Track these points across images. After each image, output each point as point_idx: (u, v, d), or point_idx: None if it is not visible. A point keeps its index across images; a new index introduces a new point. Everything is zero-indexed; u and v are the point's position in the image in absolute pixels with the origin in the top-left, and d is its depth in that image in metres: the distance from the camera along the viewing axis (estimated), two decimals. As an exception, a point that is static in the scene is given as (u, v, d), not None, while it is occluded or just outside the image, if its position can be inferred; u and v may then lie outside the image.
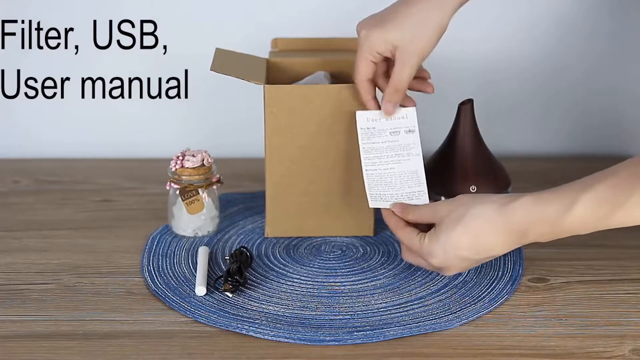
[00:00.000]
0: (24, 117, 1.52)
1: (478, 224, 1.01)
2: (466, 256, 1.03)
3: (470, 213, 1.02)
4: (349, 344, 1.01)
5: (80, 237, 1.25)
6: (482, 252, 1.03)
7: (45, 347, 1.00)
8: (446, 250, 1.03)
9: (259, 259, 1.19)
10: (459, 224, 1.02)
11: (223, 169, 1.26)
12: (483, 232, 1.01)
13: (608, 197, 0.96)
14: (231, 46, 1.27)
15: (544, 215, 0.98)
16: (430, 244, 1.04)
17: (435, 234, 1.04)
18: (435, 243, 1.04)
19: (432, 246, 1.04)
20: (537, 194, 1.00)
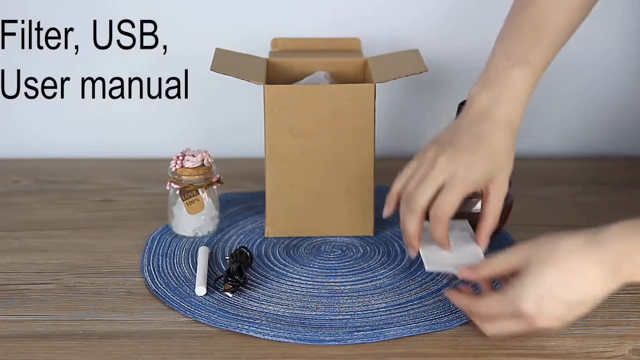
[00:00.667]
0: (24, 117, 1.52)
1: (570, 260, 0.93)
2: (561, 297, 0.93)
3: (559, 249, 0.94)
4: (349, 344, 1.01)
5: (80, 237, 1.25)
6: (578, 292, 0.93)
7: (45, 347, 1.00)
8: (539, 292, 0.93)
9: (259, 259, 1.19)
10: (549, 262, 0.93)
11: (223, 169, 1.26)
12: (576, 268, 0.93)
13: None
14: (231, 46, 1.27)
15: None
16: (519, 289, 0.94)
17: (523, 277, 0.94)
18: (525, 286, 0.93)
19: (521, 291, 0.93)
20: (628, 222, 0.95)
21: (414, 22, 1.48)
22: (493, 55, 1.11)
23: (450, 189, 1.04)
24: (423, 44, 1.36)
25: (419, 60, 1.23)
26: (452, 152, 1.05)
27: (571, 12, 1.12)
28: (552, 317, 0.94)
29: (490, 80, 1.09)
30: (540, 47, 1.10)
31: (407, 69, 1.21)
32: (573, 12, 1.12)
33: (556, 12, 1.11)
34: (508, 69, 1.08)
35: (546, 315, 0.93)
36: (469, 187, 1.05)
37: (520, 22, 1.12)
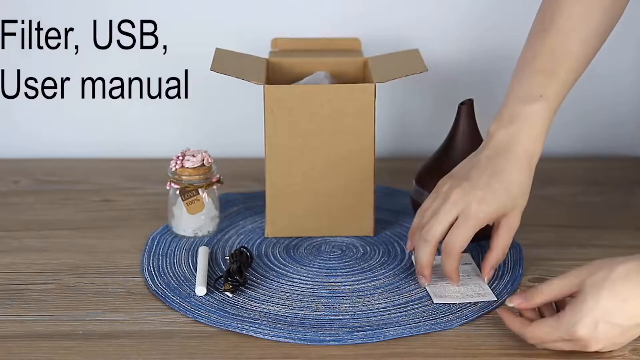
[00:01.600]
0: (24, 117, 1.52)
1: (625, 285, 0.93)
2: (617, 322, 0.93)
3: (614, 274, 0.94)
4: (349, 344, 1.01)
5: (80, 237, 1.25)
6: (634, 317, 0.93)
7: (45, 347, 1.00)
8: (594, 317, 0.93)
9: (259, 259, 1.19)
10: (604, 286, 0.93)
11: (223, 169, 1.26)
12: (632, 293, 0.93)
13: None
14: (231, 46, 1.27)
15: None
16: (574, 315, 0.94)
17: (578, 302, 0.94)
18: (580, 312, 0.93)
19: (577, 316, 0.93)
20: None
21: (414, 22, 1.48)
22: (510, 91, 1.11)
23: (462, 224, 1.06)
24: (423, 43, 1.36)
25: (419, 60, 1.23)
26: (467, 186, 1.07)
27: (586, 41, 1.11)
28: (606, 340, 0.94)
29: (508, 117, 1.09)
30: (556, 80, 1.09)
31: (407, 69, 1.21)
32: (588, 42, 1.11)
33: (571, 43, 1.10)
34: (525, 105, 1.08)
35: (600, 339, 0.94)
36: (481, 222, 1.06)
37: (534, 54, 1.11)
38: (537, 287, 0.99)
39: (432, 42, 1.46)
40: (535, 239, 1.24)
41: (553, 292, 0.97)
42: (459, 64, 1.51)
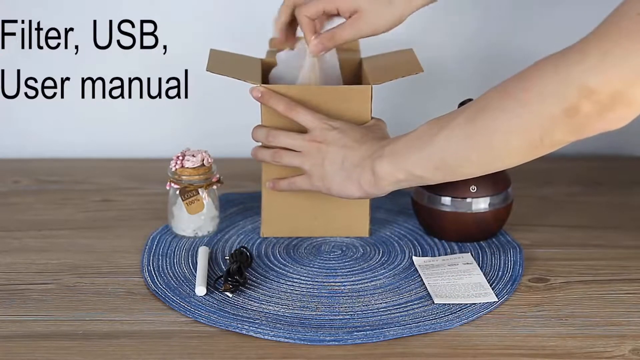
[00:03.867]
0: (24, 117, 1.52)
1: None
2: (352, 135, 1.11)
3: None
4: (349, 344, 1.01)
5: (80, 237, 1.25)
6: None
7: (45, 347, 1.00)
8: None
9: (259, 259, 1.19)
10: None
11: (223, 169, 1.26)
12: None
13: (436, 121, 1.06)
14: (230, 46, 1.27)
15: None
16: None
17: None
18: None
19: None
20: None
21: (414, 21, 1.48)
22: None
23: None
24: (422, 43, 1.36)
25: (414, 61, 1.23)
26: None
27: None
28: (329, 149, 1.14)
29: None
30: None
31: (404, 71, 1.20)
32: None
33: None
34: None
35: (329, 143, 1.14)
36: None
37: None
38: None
39: (432, 42, 1.46)
40: (535, 239, 1.24)
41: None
42: (458, 63, 1.51)
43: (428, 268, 1.15)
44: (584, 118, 0.94)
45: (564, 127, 0.95)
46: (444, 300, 1.08)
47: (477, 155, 1.02)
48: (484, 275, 1.14)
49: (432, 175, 1.07)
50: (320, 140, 1.13)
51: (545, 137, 0.97)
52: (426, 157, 1.05)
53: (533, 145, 0.98)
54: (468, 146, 1.02)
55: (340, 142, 1.12)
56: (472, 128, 1.01)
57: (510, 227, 1.25)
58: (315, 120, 1.14)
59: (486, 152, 1.01)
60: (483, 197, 1.20)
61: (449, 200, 1.20)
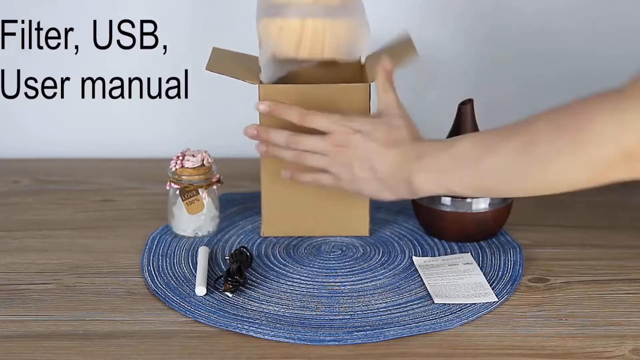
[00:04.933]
0: (24, 117, 1.52)
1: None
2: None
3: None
4: (349, 344, 1.01)
5: (80, 237, 1.25)
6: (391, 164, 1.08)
7: (45, 347, 1.00)
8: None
9: (259, 259, 1.19)
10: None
11: (223, 169, 1.26)
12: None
13: (483, 139, 1.03)
14: (231, 46, 1.27)
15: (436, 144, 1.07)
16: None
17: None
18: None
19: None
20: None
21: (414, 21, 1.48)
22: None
23: None
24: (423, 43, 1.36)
25: (410, 48, 1.22)
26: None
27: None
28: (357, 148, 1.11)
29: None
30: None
31: (398, 60, 1.19)
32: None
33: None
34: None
35: (356, 146, 1.11)
36: None
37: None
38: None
39: (432, 42, 1.46)
40: (535, 239, 1.24)
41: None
42: (458, 63, 1.51)
43: (428, 268, 1.15)
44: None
45: (622, 169, 0.94)
46: (444, 300, 1.08)
47: (525, 186, 1.01)
48: (484, 275, 1.14)
49: (472, 194, 1.10)
50: (343, 144, 1.10)
51: (602, 177, 0.95)
52: (469, 178, 1.03)
53: (587, 181, 0.97)
54: (516, 178, 1.00)
55: (364, 146, 1.09)
56: (523, 161, 0.99)
57: (510, 227, 1.25)
58: (333, 123, 1.11)
59: (535, 185, 1.00)
60: (483, 197, 1.20)
61: (449, 200, 1.20)
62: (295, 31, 1.16)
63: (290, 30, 1.16)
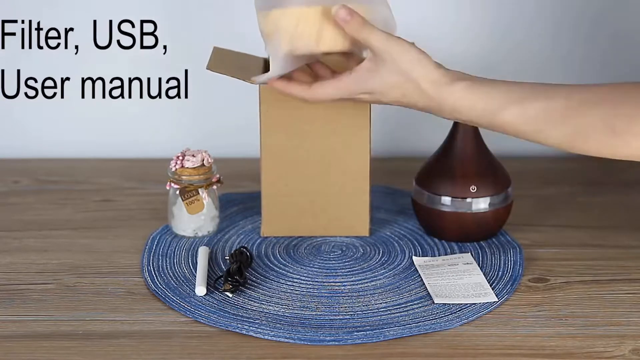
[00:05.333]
0: (24, 117, 1.52)
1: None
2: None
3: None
4: (349, 344, 1.01)
5: (80, 237, 1.25)
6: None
7: (45, 347, 1.00)
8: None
9: (259, 259, 1.19)
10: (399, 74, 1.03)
11: (223, 169, 1.26)
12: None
13: (532, 119, 1.00)
14: (231, 46, 1.27)
15: (477, 107, 1.02)
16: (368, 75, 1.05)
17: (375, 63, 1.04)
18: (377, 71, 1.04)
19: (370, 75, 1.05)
20: (474, 82, 1.04)
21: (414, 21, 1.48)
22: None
23: None
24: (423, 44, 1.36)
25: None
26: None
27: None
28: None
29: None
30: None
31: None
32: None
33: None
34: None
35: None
36: None
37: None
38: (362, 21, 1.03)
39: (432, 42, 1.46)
40: (535, 239, 1.24)
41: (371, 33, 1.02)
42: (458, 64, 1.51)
43: (428, 268, 1.15)
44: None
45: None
46: (444, 300, 1.08)
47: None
48: (484, 275, 1.14)
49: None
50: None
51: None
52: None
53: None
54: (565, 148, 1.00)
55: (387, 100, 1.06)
56: (571, 147, 0.99)
57: (510, 227, 1.25)
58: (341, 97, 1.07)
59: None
60: (483, 197, 1.20)
61: (449, 200, 1.20)
62: (315, 21, 1.04)
63: (310, 20, 1.04)
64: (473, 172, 1.20)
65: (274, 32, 1.06)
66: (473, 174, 1.20)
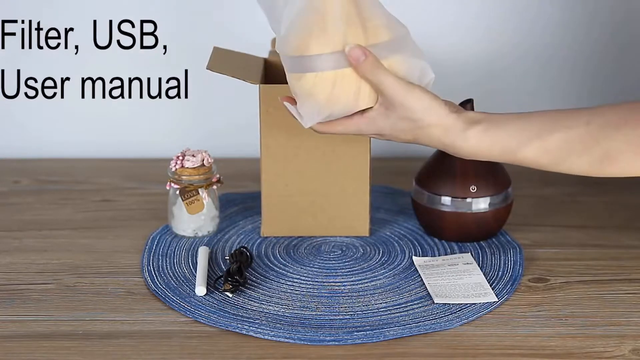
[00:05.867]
0: (24, 117, 1.53)
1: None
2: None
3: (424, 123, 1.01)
4: (349, 344, 1.01)
5: (80, 237, 1.25)
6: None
7: (45, 347, 1.00)
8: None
9: (259, 259, 1.19)
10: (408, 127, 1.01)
11: (223, 169, 1.26)
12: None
13: (554, 151, 0.98)
14: (231, 46, 1.27)
15: (495, 148, 1.00)
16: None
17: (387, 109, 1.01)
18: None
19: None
20: (490, 123, 1.01)
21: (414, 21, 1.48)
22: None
23: None
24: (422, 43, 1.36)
25: None
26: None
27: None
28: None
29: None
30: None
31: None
32: None
33: None
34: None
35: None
36: None
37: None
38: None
39: (432, 42, 1.46)
40: (535, 239, 1.24)
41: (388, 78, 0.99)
42: (459, 64, 1.51)
43: (428, 268, 1.15)
44: None
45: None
46: (444, 300, 1.08)
47: None
48: (484, 275, 1.14)
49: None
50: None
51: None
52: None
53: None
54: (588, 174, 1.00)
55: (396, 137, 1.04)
56: (596, 171, 0.99)
57: (510, 227, 1.25)
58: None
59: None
60: (483, 197, 1.20)
61: (449, 200, 1.20)
62: (351, 81, 1.00)
63: (346, 81, 1.00)
64: (473, 172, 1.20)
65: (309, 96, 1.00)
66: (473, 174, 1.20)
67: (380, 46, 0.99)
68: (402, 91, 0.99)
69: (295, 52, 0.98)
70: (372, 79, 0.99)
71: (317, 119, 1.01)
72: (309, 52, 0.98)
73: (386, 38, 1.00)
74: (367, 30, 0.99)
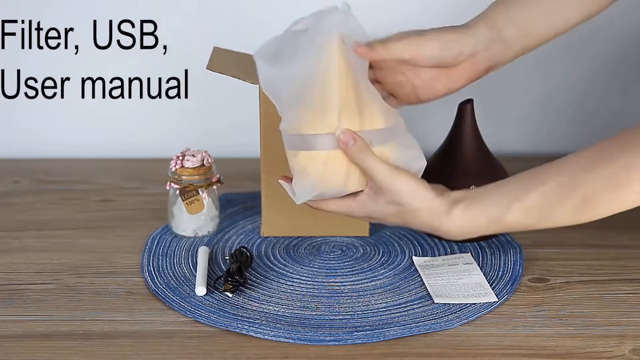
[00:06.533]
0: (24, 117, 1.52)
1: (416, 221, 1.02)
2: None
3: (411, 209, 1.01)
4: (349, 344, 1.01)
5: (80, 237, 1.25)
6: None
7: (45, 347, 1.00)
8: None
9: (259, 259, 1.19)
10: (397, 211, 1.02)
11: (223, 169, 1.26)
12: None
13: (535, 208, 0.98)
14: (231, 46, 1.27)
15: (480, 222, 1.00)
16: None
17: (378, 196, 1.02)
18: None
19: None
20: (471, 200, 1.01)
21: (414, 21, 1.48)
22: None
23: None
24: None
25: None
26: None
27: None
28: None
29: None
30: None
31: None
32: None
33: None
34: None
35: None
36: None
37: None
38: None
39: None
40: (535, 239, 1.24)
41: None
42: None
43: (428, 268, 1.15)
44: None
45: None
46: (444, 300, 1.08)
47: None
48: (484, 275, 1.14)
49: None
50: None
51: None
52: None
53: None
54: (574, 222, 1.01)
55: (386, 220, 1.05)
56: (580, 217, 1.00)
57: (510, 227, 1.25)
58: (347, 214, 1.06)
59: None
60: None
61: (449, 200, 1.20)
62: (342, 163, 1.02)
63: (337, 163, 1.01)
64: (473, 172, 1.20)
65: (303, 173, 1.02)
66: (473, 174, 1.20)
67: (374, 133, 1.02)
68: (389, 176, 1.01)
69: (293, 131, 1.01)
70: (360, 164, 1.01)
71: (309, 196, 1.03)
72: (304, 132, 1.00)
73: (380, 126, 1.02)
74: (363, 117, 1.01)
